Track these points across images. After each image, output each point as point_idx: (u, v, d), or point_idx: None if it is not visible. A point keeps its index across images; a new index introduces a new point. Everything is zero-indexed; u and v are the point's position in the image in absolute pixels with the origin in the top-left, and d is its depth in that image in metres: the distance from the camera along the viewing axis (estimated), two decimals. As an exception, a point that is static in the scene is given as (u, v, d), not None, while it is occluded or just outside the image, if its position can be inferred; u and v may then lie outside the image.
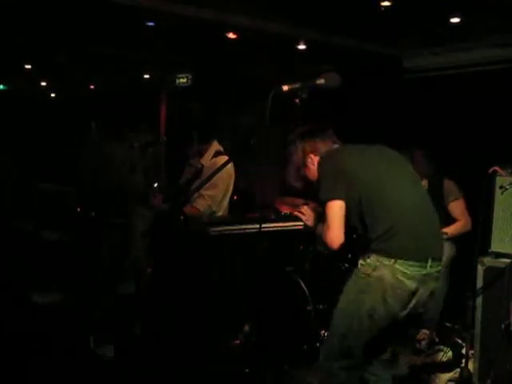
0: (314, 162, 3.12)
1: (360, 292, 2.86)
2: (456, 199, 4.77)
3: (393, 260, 2.77)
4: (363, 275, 2.86)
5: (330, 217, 2.86)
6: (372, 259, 2.83)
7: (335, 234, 2.85)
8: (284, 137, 3.28)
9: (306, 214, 3.23)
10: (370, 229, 2.87)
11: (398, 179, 2.97)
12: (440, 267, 2.90)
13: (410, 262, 2.77)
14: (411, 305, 2.84)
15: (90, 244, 5.08)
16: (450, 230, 4.71)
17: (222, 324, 4.65)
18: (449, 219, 4.78)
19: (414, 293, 2.81)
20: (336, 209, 2.85)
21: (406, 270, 2.76)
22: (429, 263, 2.81)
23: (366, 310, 2.82)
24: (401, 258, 2.77)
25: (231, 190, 3.93)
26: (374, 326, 2.85)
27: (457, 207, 4.77)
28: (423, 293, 2.85)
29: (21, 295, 4.62)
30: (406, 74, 6.58)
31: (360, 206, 2.87)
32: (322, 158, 3.06)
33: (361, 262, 2.89)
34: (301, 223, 3.35)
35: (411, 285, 2.78)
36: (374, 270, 2.81)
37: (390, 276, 2.77)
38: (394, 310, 2.82)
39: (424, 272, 2.80)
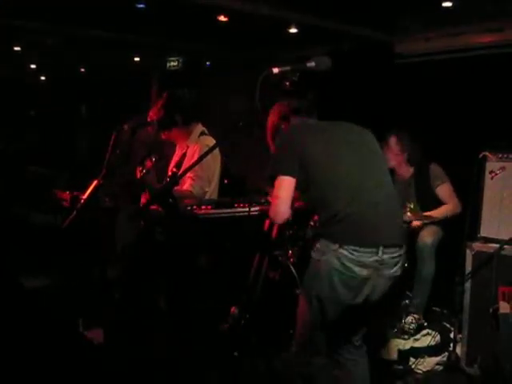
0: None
1: (311, 278, 2.84)
2: (443, 183, 4.81)
3: (337, 245, 2.70)
4: (314, 260, 2.82)
5: (278, 191, 2.80)
6: (321, 244, 2.78)
7: (281, 208, 2.80)
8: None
9: None
10: (319, 212, 2.85)
11: (357, 163, 2.86)
12: (398, 254, 2.79)
13: (358, 248, 2.69)
14: (365, 292, 2.76)
15: (78, 228, 5.04)
16: (435, 213, 4.72)
17: (211, 308, 4.66)
18: (438, 203, 4.81)
19: (365, 280, 2.73)
20: (286, 184, 2.79)
21: (352, 256, 2.68)
22: (380, 250, 2.71)
23: (314, 296, 2.80)
24: (346, 244, 2.69)
25: (219, 171, 3.95)
26: (326, 312, 2.81)
27: (444, 191, 4.80)
28: (378, 280, 2.76)
29: (8, 279, 4.60)
30: (397, 58, 6.55)
31: (311, 188, 2.82)
32: (281, 131, 3.02)
33: (313, 247, 2.85)
34: None
35: (361, 271, 2.71)
36: (322, 254, 2.76)
37: (335, 261, 2.70)
38: (343, 297, 2.75)
39: (376, 258, 2.71)
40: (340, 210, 2.73)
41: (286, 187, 2.79)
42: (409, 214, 4.62)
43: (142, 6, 5.60)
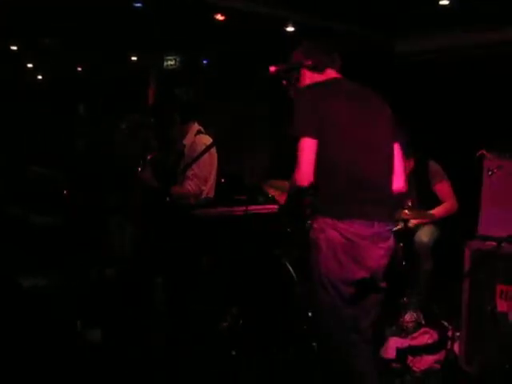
0: (305, 77, 3.00)
1: (315, 259, 2.81)
2: (441, 181, 4.81)
3: (336, 220, 2.74)
4: (314, 240, 2.81)
5: (299, 154, 2.75)
6: (319, 222, 2.79)
7: (303, 171, 2.74)
8: (271, 119, 3.25)
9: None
10: (322, 185, 2.80)
11: (368, 137, 2.86)
12: (389, 227, 2.88)
13: (356, 221, 2.75)
14: (368, 263, 2.79)
15: (77, 228, 5.04)
16: (437, 211, 4.74)
17: (210, 307, 4.66)
18: (435, 201, 4.80)
19: (365, 250, 2.77)
20: (307, 146, 2.74)
21: (351, 229, 2.73)
22: (376, 224, 2.78)
23: (324, 275, 2.78)
24: (345, 219, 2.74)
25: (215, 168, 3.96)
26: (337, 290, 2.79)
27: (443, 189, 4.80)
28: (377, 251, 2.81)
29: (7, 279, 4.59)
30: (396, 57, 6.56)
31: (320, 154, 2.77)
32: (302, 88, 2.92)
33: (311, 227, 2.85)
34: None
35: (361, 242, 2.75)
36: (321, 231, 2.77)
37: (337, 235, 2.73)
38: (350, 269, 2.76)
39: (372, 231, 2.78)
40: (342, 189, 2.76)
41: (305, 149, 2.75)
42: (407, 211, 4.61)
43: (139, 5, 5.61)
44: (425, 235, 4.72)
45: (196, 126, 4.03)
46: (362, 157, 2.82)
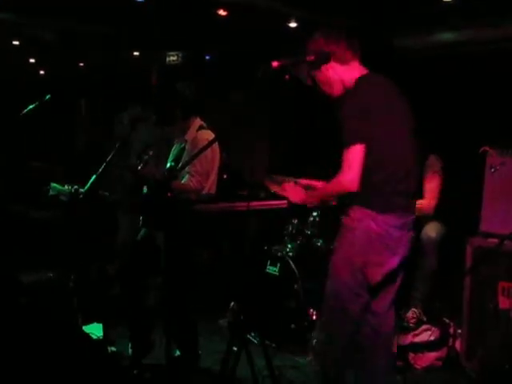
0: (327, 67, 3.03)
1: (349, 247, 2.94)
2: (433, 173, 4.68)
3: (375, 212, 2.88)
4: (349, 229, 2.94)
5: (349, 159, 2.82)
6: (356, 211, 2.91)
7: (354, 176, 2.81)
8: (272, 114, 3.23)
9: (291, 191, 3.16)
10: (363, 178, 2.86)
11: (403, 133, 3.00)
12: (413, 217, 3.05)
13: (392, 215, 2.91)
14: (399, 250, 2.97)
15: (78, 222, 5.02)
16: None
17: (210, 302, 4.66)
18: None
19: (397, 238, 2.93)
20: (357, 152, 2.82)
21: (388, 220, 2.89)
22: (406, 215, 2.97)
23: (358, 263, 2.90)
24: (384, 212, 2.89)
25: (217, 164, 3.94)
26: (367, 279, 2.94)
27: (430, 182, 4.67)
28: (404, 238, 2.99)
29: (7, 274, 4.58)
30: (397, 54, 6.54)
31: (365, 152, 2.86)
32: (346, 94, 2.98)
33: (345, 216, 2.97)
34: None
35: (395, 232, 2.91)
36: (359, 221, 2.90)
37: (375, 226, 2.87)
38: (383, 259, 2.93)
39: (403, 221, 2.95)
40: (386, 181, 2.89)
41: (356, 155, 2.82)
42: None
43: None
44: (432, 231, 4.65)
45: (198, 121, 4.00)
46: (400, 152, 2.96)
